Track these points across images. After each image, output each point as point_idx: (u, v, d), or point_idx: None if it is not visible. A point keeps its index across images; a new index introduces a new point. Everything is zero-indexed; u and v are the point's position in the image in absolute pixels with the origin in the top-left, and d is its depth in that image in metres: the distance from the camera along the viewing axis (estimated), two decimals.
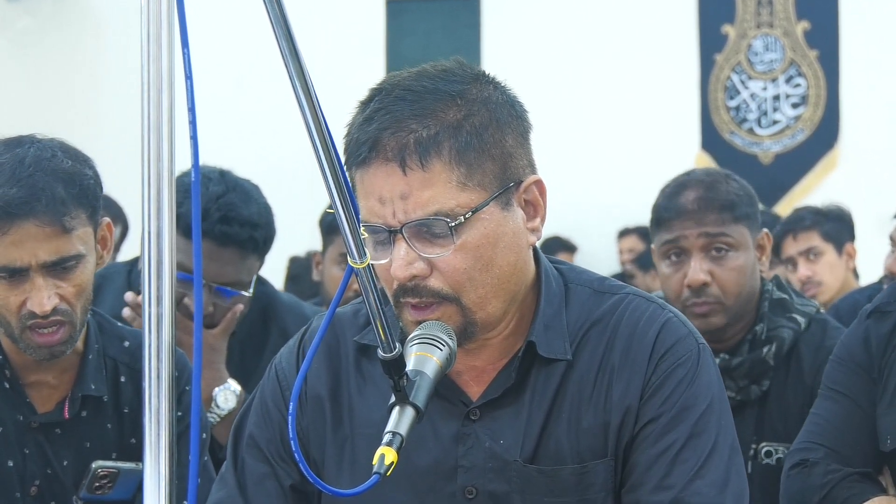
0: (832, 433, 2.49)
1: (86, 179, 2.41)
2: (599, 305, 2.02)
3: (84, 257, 2.39)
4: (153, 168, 1.45)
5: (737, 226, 3.08)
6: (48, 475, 2.48)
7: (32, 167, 2.35)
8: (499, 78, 1.99)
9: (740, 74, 8.96)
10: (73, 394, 2.49)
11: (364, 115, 1.89)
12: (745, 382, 3.09)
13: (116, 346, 2.55)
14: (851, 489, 2.43)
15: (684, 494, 1.91)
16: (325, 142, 1.54)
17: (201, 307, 1.44)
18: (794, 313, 3.12)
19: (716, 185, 3.11)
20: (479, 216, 1.87)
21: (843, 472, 2.45)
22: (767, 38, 8.92)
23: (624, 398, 1.95)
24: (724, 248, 3.06)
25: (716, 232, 3.06)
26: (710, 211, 3.07)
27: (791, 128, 8.87)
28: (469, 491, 1.96)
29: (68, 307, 2.38)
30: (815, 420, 2.54)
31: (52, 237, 2.34)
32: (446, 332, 1.81)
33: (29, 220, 2.32)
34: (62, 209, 2.34)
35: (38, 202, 2.32)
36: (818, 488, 2.46)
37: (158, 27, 1.44)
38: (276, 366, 2.10)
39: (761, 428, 3.08)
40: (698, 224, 3.07)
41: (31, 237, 2.33)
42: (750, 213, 3.11)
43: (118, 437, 2.53)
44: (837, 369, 2.52)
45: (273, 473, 2.03)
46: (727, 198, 3.09)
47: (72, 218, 2.36)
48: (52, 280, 2.36)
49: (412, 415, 1.69)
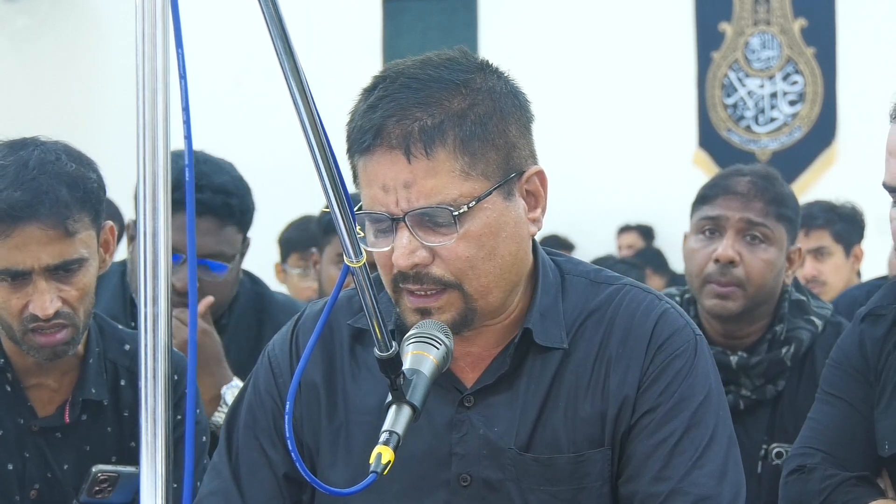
0: (829, 438, 2.47)
1: (89, 183, 2.40)
2: (596, 295, 2.02)
3: (87, 261, 2.39)
4: (148, 168, 1.46)
5: (778, 223, 3.09)
6: (48, 479, 2.48)
7: (36, 170, 2.34)
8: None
9: (737, 72, 8.96)
10: (74, 398, 2.48)
11: (368, 102, 1.89)
12: (761, 381, 3.10)
13: (117, 349, 2.55)
14: (850, 493, 2.41)
15: (682, 485, 1.91)
16: (321, 141, 1.54)
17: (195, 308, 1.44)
18: (811, 315, 3.14)
19: (772, 179, 3.15)
20: (482, 205, 1.87)
21: (840, 476, 2.43)
22: (764, 35, 8.93)
23: (621, 388, 1.96)
24: (759, 238, 3.08)
25: (758, 221, 3.08)
26: (758, 199, 3.09)
27: (788, 125, 8.88)
28: (463, 478, 1.96)
29: (70, 310, 2.38)
30: (812, 425, 2.53)
31: (56, 240, 2.33)
32: (443, 331, 1.81)
33: (32, 223, 2.32)
34: (65, 212, 2.33)
35: (42, 205, 2.31)
36: (816, 493, 2.44)
37: (153, 27, 1.44)
38: (270, 353, 2.09)
39: (772, 429, 3.08)
40: (743, 207, 3.09)
41: (34, 240, 2.32)
42: (792, 219, 3.14)
43: (118, 440, 2.52)
44: (834, 373, 2.51)
45: (267, 462, 2.03)
46: (778, 193, 3.11)
47: (75, 221, 2.35)
48: (54, 283, 2.35)
49: (409, 414, 1.69)
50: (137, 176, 1.46)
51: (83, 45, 9.52)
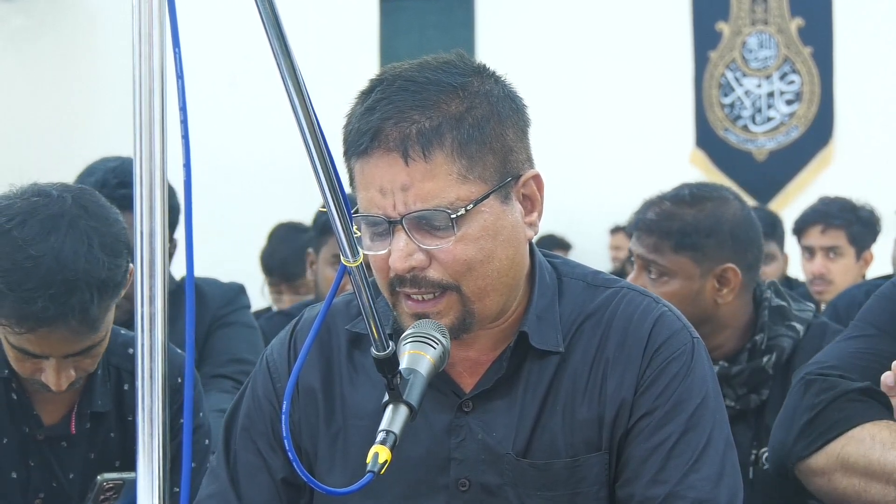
0: (848, 359, 2.32)
1: (119, 273, 2.26)
2: (593, 299, 2.02)
3: (106, 336, 2.33)
4: (145, 168, 1.45)
5: (677, 254, 3.08)
6: (53, 488, 2.46)
7: (68, 271, 2.19)
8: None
9: (735, 71, 8.96)
10: (81, 409, 2.46)
11: (365, 105, 1.88)
12: (743, 391, 3.09)
13: (120, 354, 2.50)
14: (844, 410, 2.26)
15: (679, 489, 1.91)
16: (318, 141, 1.53)
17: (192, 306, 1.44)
18: (792, 321, 3.12)
19: (671, 210, 3.13)
20: (480, 209, 1.87)
21: (839, 389, 2.27)
22: (762, 35, 8.93)
23: (618, 392, 1.95)
24: (656, 273, 3.09)
25: (649, 258, 3.11)
26: (651, 234, 3.12)
27: (785, 125, 8.88)
28: (462, 483, 1.96)
29: (84, 373, 2.35)
30: (833, 347, 2.39)
31: (81, 337, 2.26)
32: (440, 331, 1.81)
33: (60, 327, 2.22)
34: (95, 319, 2.24)
35: (73, 318, 2.21)
36: (807, 409, 2.29)
37: (150, 27, 1.44)
38: (268, 358, 2.09)
39: (759, 436, 3.07)
40: (639, 244, 3.13)
41: (58, 338, 2.25)
42: (700, 245, 3.09)
43: (121, 445, 2.51)
44: (882, 305, 2.39)
45: (265, 466, 2.03)
46: (679, 224, 3.10)
47: (103, 319, 2.27)
48: (71, 360, 2.29)
49: (406, 413, 1.68)
50: (134, 176, 1.46)
51: (81, 44, 9.51)
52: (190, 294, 1.47)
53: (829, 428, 2.28)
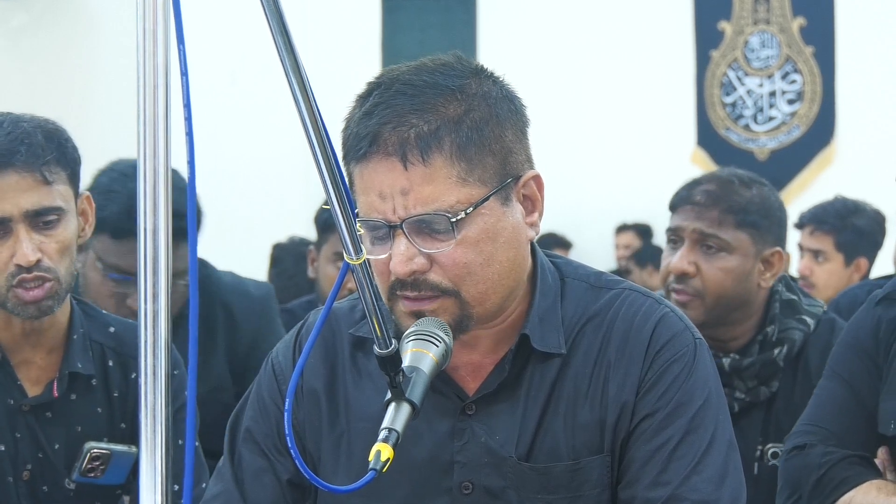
0: (832, 416, 2.51)
1: (64, 140, 2.47)
2: (596, 300, 2.01)
3: (66, 213, 2.44)
4: (149, 165, 1.45)
5: (738, 230, 3.08)
6: (39, 459, 2.49)
7: (11, 125, 2.43)
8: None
9: (736, 71, 8.96)
10: (61, 372, 2.51)
11: (363, 109, 1.88)
12: (754, 383, 3.10)
13: (102, 331, 2.58)
14: (849, 470, 2.45)
15: (681, 490, 1.90)
16: (321, 138, 1.53)
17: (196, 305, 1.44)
18: (802, 314, 3.13)
19: (730, 185, 3.13)
20: (480, 211, 1.86)
21: (840, 453, 2.47)
22: (763, 34, 8.93)
23: (620, 394, 1.95)
24: (715, 248, 3.08)
25: (710, 232, 3.09)
26: (713, 208, 3.10)
27: (787, 124, 8.88)
28: (465, 486, 1.96)
29: (52, 264, 2.42)
30: (816, 402, 2.56)
31: (34, 187, 2.39)
32: (442, 329, 1.81)
33: (9, 170, 2.38)
34: (42, 156, 2.40)
35: (19, 152, 2.38)
36: (816, 468, 2.48)
37: (154, 24, 1.44)
38: (273, 360, 2.09)
39: (767, 430, 3.08)
40: (697, 218, 3.10)
41: (13, 188, 2.38)
42: (759, 223, 3.12)
43: (109, 421, 2.55)
44: (844, 353, 2.55)
45: (270, 467, 2.03)
46: (737, 200, 3.10)
47: (52, 172, 2.41)
48: (35, 235, 2.40)
49: (408, 411, 1.68)
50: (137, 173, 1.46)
51: (80, 42, 9.51)
52: (193, 289, 1.47)
53: (840, 484, 2.48)
